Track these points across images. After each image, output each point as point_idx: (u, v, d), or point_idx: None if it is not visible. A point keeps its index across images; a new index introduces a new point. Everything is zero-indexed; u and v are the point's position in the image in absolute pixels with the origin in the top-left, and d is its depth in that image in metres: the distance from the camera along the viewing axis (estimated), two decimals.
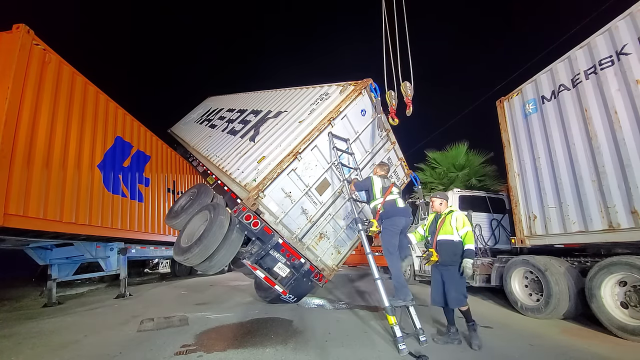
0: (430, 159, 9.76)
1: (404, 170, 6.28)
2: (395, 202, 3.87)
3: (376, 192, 3.94)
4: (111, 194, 6.14)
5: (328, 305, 5.51)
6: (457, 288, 3.27)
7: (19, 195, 4.11)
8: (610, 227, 3.70)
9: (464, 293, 3.30)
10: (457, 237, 3.35)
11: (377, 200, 3.91)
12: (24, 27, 4.42)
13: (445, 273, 3.36)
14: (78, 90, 5.45)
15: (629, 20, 3.66)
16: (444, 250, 3.37)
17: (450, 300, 3.27)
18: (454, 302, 3.26)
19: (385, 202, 3.86)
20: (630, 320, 3.43)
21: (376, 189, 3.95)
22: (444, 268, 3.37)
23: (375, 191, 3.95)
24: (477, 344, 3.16)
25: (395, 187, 4.04)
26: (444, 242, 3.39)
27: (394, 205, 3.85)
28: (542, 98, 4.74)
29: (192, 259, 4.20)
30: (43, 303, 5.93)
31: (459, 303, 3.26)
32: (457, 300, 3.25)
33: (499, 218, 6.45)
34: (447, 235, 3.39)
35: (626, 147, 3.56)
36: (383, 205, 3.84)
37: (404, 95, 4.93)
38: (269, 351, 3.11)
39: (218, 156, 6.21)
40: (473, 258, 3.24)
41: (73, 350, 3.27)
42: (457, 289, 3.27)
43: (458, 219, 3.41)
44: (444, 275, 3.37)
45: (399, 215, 3.81)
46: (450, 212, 3.51)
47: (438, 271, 3.46)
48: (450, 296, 3.26)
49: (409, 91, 4.92)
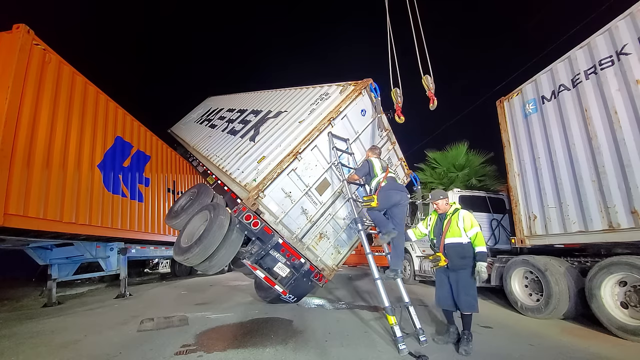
0: (430, 159, 9.77)
1: (404, 170, 6.27)
2: (395, 179, 4.28)
3: (377, 171, 4.23)
4: (111, 194, 6.14)
5: (328, 305, 5.51)
6: (468, 291, 3.11)
7: (19, 195, 4.11)
8: (610, 227, 3.70)
9: (475, 296, 3.13)
10: (465, 238, 3.18)
11: (379, 176, 4.17)
12: (24, 27, 4.42)
13: (454, 277, 3.21)
14: (78, 90, 5.45)
15: (629, 20, 3.67)
16: (453, 254, 3.20)
17: (462, 305, 3.12)
18: (466, 306, 3.10)
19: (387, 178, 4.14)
20: (630, 320, 3.43)
21: (377, 168, 4.24)
22: (453, 272, 3.21)
23: (376, 170, 4.23)
24: (465, 349, 3.02)
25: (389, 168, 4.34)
26: (452, 246, 3.22)
27: (394, 181, 4.22)
28: (542, 98, 4.74)
29: (192, 259, 4.20)
30: (43, 303, 5.93)
31: (471, 307, 3.10)
32: (469, 305, 3.09)
33: (499, 218, 6.45)
34: (455, 237, 3.22)
35: (626, 147, 3.56)
36: (384, 179, 4.10)
37: (426, 89, 4.77)
38: (269, 351, 3.11)
39: (218, 156, 6.21)
40: (486, 261, 3.07)
41: (73, 350, 3.27)
42: (468, 292, 3.11)
43: (465, 219, 3.23)
44: (452, 278, 3.23)
45: (396, 189, 4.07)
46: (456, 211, 3.34)
47: (445, 274, 3.31)
48: (461, 300, 3.11)
49: (431, 85, 4.75)
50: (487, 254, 3.13)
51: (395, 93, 4.97)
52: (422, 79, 4.85)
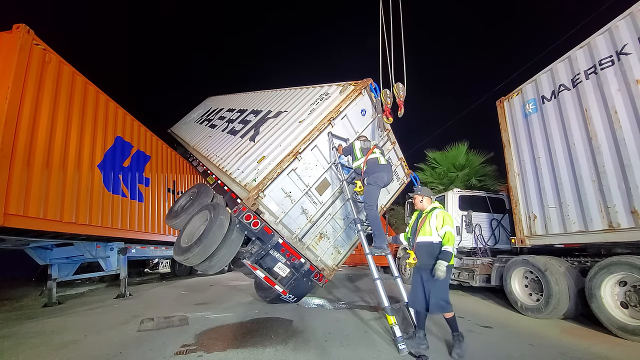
0: (430, 159, 9.76)
1: (404, 170, 6.28)
2: (377, 160, 4.23)
3: (357, 153, 4.36)
4: (111, 194, 6.14)
5: (328, 305, 5.51)
6: (437, 293, 3.00)
7: (19, 195, 4.11)
8: (610, 227, 3.70)
9: (444, 299, 2.99)
10: (436, 238, 3.07)
11: (359, 160, 4.32)
12: (24, 27, 4.42)
13: (425, 276, 3.11)
14: (78, 90, 5.45)
15: (629, 20, 3.66)
16: (423, 253, 3.15)
17: (430, 306, 3.01)
18: (434, 307, 2.99)
19: (368, 160, 4.23)
20: (630, 320, 3.43)
21: (357, 149, 4.37)
22: (424, 271, 3.12)
23: (356, 152, 4.37)
24: (457, 353, 2.90)
25: (377, 148, 4.40)
26: (422, 244, 3.17)
27: (375, 163, 4.21)
28: (542, 98, 4.74)
29: (192, 258, 4.20)
30: (43, 303, 5.93)
31: (439, 309, 2.98)
32: (438, 306, 2.98)
33: (499, 218, 6.45)
34: (426, 236, 3.14)
35: (626, 147, 3.55)
36: (366, 163, 4.22)
37: (396, 96, 4.90)
38: (269, 351, 3.11)
39: (218, 156, 6.21)
40: (448, 261, 2.91)
41: (73, 350, 3.27)
42: (436, 294, 3.00)
43: (438, 217, 3.12)
44: (424, 278, 3.13)
45: (381, 171, 4.13)
46: (432, 209, 3.25)
47: (418, 274, 3.22)
48: (430, 302, 3.01)
49: (402, 92, 4.88)
50: (451, 254, 2.95)
51: (384, 94, 4.99)
52: (392, 87, 4.95)
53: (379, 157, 4.24)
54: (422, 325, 3.25)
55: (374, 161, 4.21)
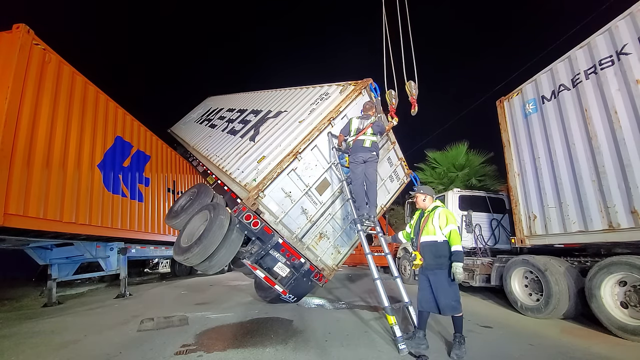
0: (430, 159, 9.75)
1: (404, 170, 6.27)
2: (363, 142, 4.43)
3: (352, 131, 4.50)
4: (111, 194, 6.15)
5: (328, 305, 5.51)
6: (447, 294, 2.94)
7: (19, 195, 4.11)
8: (610, 227, 3.70)
9: (456, 299, 2.95)
10: (440, 237, 3.03)
11: (351, 137, 4.49)
12: (24, 27, 4.41)
13: (432, 277, 3.06)
14: (78, 90, 5.45)
15: (629, 20, 3.66)
16: (428, 253, 3.10)
17: (442, 308, 2.96)
18: (447, 309, 2.94)
19: (356, 140, 4.44)
20: (630, 320, 3.42)
21: (352, 127, 4.50)
22: (430, 272, 3.08)
23: (351, 129, 4.50)
24: (456, 354, 2.86)
25: (373, 128, 4.48)
26: (426, 244, 3.12)
27: (359, 145, 4.44)
28: (542, 98, 4.74)
29: (192, 258, 4.20)
30: (43, 303, 5.93)
31: (452, 310, 2.94)
32: (450, 307, 2.93)
33: (499, 218, 6.45)
34: (430, 235, 3.10)
35: (626, 147, 3.55)
36: (354, 142, 4.44)
37: (409, 94, 4.88)
38: (269, 351, 3.11)
39: (218, 156, 6.21)
40: (462, 261, 2.89)
41: (73, 350, 3.27)
42: (447, 295, 2.94)
43: (441, 216, 3.07)
44: (431, 279, 3.08)
45: (362, 151, 4.40)
46: (434, 208, 3.20)
47: (425, 275, 3.16)
48: (441, 302, 2.95)
49: (414, 90, 4.87)
50: (463, 253, 2.93)
51: (389, 94, 4.98)
52: (405, 85, 4.95)
53: (365, 139, 4.44)
54: (422, 325, 3.23)
55: (359, 142, 4.45)
